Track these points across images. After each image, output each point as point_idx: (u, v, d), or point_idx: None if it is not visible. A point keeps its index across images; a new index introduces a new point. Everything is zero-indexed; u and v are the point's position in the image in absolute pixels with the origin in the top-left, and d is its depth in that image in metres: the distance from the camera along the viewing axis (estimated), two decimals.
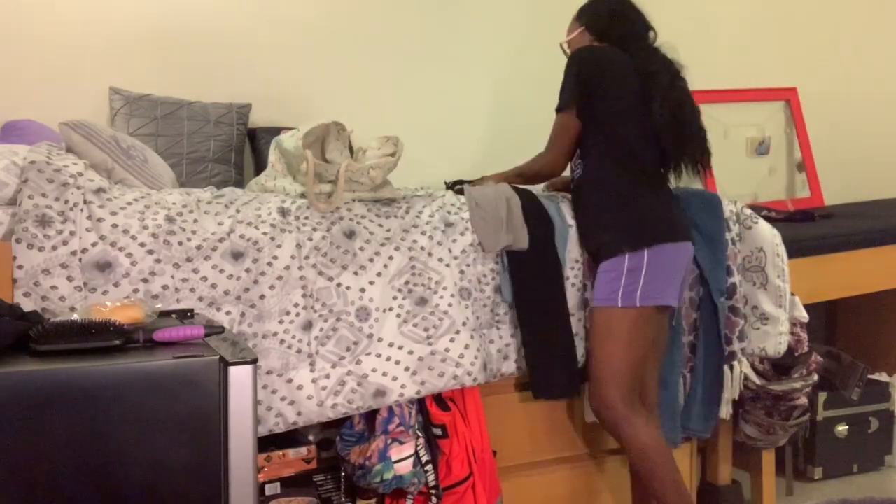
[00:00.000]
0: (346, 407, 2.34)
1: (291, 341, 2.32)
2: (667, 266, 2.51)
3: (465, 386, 2.46)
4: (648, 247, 2.49)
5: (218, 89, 3.08)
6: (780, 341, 2.89)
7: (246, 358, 1.66)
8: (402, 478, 2.35)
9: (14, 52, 2.86)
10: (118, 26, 2.99)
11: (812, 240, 3.24)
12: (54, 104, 2.83)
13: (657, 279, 2.49)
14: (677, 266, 2.54)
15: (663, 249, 2.51)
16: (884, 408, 3.57)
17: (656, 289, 2.49)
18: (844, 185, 4.18)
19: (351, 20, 3.34)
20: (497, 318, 2.58)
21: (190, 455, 1.61)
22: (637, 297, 2.48)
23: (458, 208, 2.62)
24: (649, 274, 2.48)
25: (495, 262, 2.58)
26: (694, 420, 2.85)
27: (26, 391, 1.54)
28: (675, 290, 2.54)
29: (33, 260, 2.12)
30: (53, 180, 2.20)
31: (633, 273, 2.49)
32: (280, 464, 2.31)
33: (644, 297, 2.48)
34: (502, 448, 2.62)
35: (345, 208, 2.49)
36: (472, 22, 3.54)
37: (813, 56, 4.20)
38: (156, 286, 2.21)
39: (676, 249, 2.54)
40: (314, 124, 2.57)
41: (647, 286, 2.48)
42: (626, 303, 2.49)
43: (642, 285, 2.48)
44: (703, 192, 3.09)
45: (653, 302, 2.49)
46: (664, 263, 2.50)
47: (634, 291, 2.48)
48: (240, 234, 2.33)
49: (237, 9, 3.16)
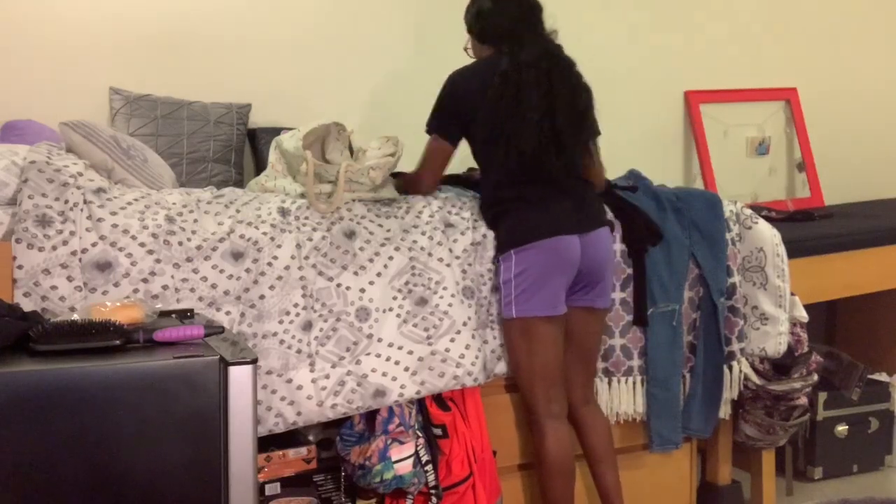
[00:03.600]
0: (345, 407, 2.34)
1: (291, 341, 2.32)
2: (536, 271, 2.45)
3: (465, 386, 2.47)
4: (510, 251, 2.48)
5: (218, 89, 3.07)
6: (779, 341, 2.89)
7: (246, 358, 1.66)
8: (402, 478, 2.35)
9: (14, 52, 2.86)
10: (118, 26, 2.98)
11: (812, 240, 3.24)
12: (54, 104, 2.83)
13: (528, 289, 2.46)
14: (549, 268, 2.46)
15: (527, 252, 2.45)
16: (884, 408, 3.57)
17: (528, 299, 2.46)
18: (844, 185, 4.18)
19: (351, 20, 3.33)
20: (492, 318, 2.58)
21: (190, 455, 1.61)
22: (513, 309, 2.48)
23: (458, 208, 2.62)
24: (519, 285, 2.46)
25: (493, 263, 2.58)
26: (694, 420, 2.86)
27: (26, 391, 1.54)
28: (549, 298, 2.47)
29: (33, 260, 2.12)
30: (53, 180, 2.20)
31: (506, 285, 2.49)
32: (280, 464, 2.31)
33: (519, 309, 2.47)
34: (502, 448, 2.61)
35: (345, 208, 2.49)
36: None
37: (813, 56, 4.20)
38: (156, 286, 2.21)
39: (545, 247, 2.45)
40: (314, 125, 2.57)
41: (519, 296, 2.47)
42: (507, 315, 2.51)
43: (515, 296, 2.48)
44: (704, 192, 3.10)
45: (525, 314, 2.47)
46: (531, 270, 2.45)
47: (510, 304, 2.49)
48: (240, 235, 2.33)
49: (237, 9, 3.16)
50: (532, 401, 2.54)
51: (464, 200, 2.66)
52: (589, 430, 2.64)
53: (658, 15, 3.84)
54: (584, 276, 2.52)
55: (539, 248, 2.46)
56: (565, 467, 2.54)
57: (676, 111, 3.90)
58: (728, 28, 4.00)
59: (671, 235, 2.79)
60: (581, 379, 2.65)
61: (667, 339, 2.77)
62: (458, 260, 2.54)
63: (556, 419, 2.54)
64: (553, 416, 2.53)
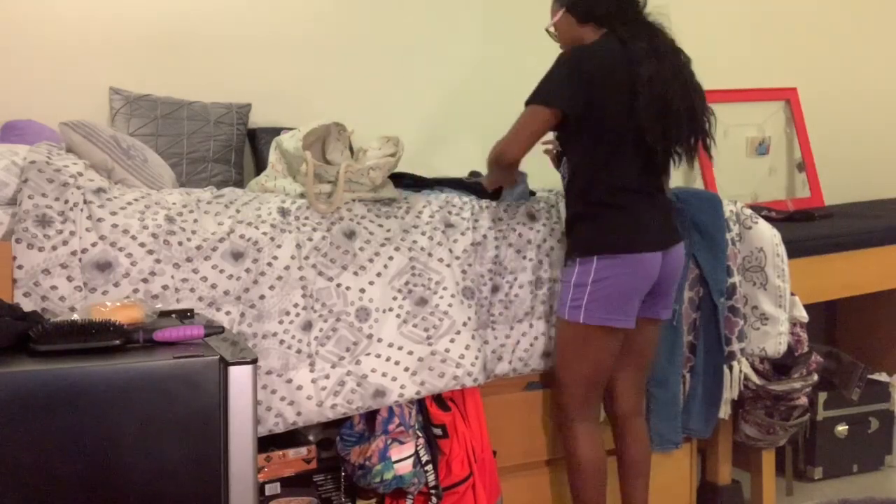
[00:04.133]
0: (345, 407, 2.34)
1: (291, 341, 2.32)
2: (617, 283, 2.38)
3: (465, 387, 2.47)
4: (593, 256, 2.39)
5: (218, 89, 3.07)
6: (779, 341, 2.89)
7: (246, 358, 1.66)
8: (402, 478, 2.35)
9: (14, 52, 2.86)
10: (118, 26, 2.98)
11: (812, 240, 3.24)
12: (54, 104, 2.83)
13: (603, 299, 2.38)
14: (632, 283, 2.40)
15: (614, 262, 2.38)
16: (884, 408, 3.57)
17: (601, 308, 2.39)
18: (844, 185, 4.18)
19: (351, 20, 3.33)
20: (492, 318, 2.58)
21: (190, 455, 1.61)
22: (581, 314, 2.41)
23: (459, 209, 2.62)
24: (595, 292, 2.38)
25: (493, 264, 2.58)
26: (694, 420, 2.86)
27: (26, 391, 1.54)
28: (625, 311, 2.40)
29: (33, 260, 2.12)
30: (53, 180, 2.19)
31: (579, 288, 2.41)
32: (280, 464, 2.31)
33: (588, 316, 2.40)
34: (502, 448, 2.61)
35: (345, 209, 2.49)
36: (473, 21, 3.54)
37: (813, 56, 4.20)
38: (156, 286, 2.21)
39: (632, 261, 2.39)
40: (315, 125, 2.57)
41: (591, 304, 2.39)
42: (572, 318, 2.43)
43: (586, 303, 2.39)
44: (703, 192, 3.10)
45: (597, 322, 2.40)
46: (613, 280, 2.38)
47: (578, 308, 2.41)
48: (240, 235, 2.33)
49: (237, 9, 3.16)
50: (568, 401, 2.51)
51: (464, 201, 2.66)
52: (635, 442, 2.61)
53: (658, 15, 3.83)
54: (655, 289, 2.47)
55: (625, 260, 2.39)
56: (599, 470, 2.52)
57: None
58: (728, 28, 4.00)
59: None
60: (634, 389, 2.63)
61: (667, 340, 2.77)
62: (459, 260, 2.54)
63: (589, 422, 2.52)
64: (585, 419, 2.51)
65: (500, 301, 2.59)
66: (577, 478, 2.53)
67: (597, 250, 2.40)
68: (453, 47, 3.50)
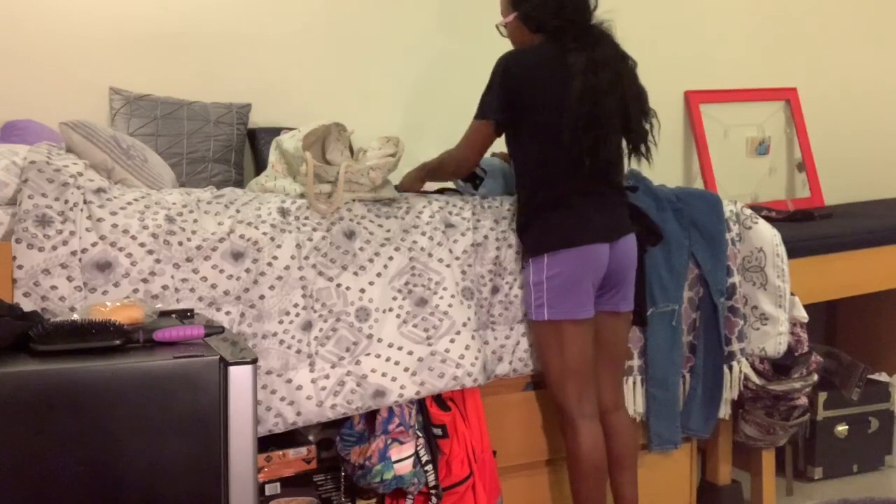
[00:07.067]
0: (345, 407, 2.34)
1: (291, 341, 2.32)
2: (568, 276, 2.45)
3: (465, 387, 2.47)
4: (543, 254, 2.46)
5: (218, 89, 3.07)
6: (779, 341, 2.89)
7: (246, 358, 1.66)
8: (402, 478, 2.35)
9: (14, 52, 2.86)
10: (118, 26, 2.98)
11: (812, 240, 3.24)
12: (54, 104, 2.83)
13: (559, 293, 2.46)
14: (581, 273, 2.45)
15: (562, 256, 2.45)
16: (884, 408, 3.57)
17: (561, 303, 2.46)
18: (844, 185, 4.18)
19: (351, 20, 3.33)
20: (492, 319, 2.58)
21: (190, 455, 1.61)
22: (545, 312, 2.48)
23: (459, 209, 2.62)
24: (552, 289, 2.46)
25: (493, 265, 2.58)
26: (694, 420, 2.86)
27: (26, 391, 1.54)
28: (579, 301, 2.47)
29: (33, 260, 2.12)
30: (53, 180, 2.19)
31: (537, 287, 2.49)
32: (280, 464, 2.31)
33: (552, 313, 2.48)
34: (502, 448, 2.61)
35: (345, 209, 2.49)
36: (473, 21, 3.53)
37: (813, 56, 4.20)
38: (156, 286, 2.21)
39: (578, 254, 2.45)
40: (315, 125, 2.57)
41: (551, 300, 2.47)
42: (538, 317, 2.50)
43: (546, 300, 2.47)
44: (704, 192, 3.10)
45: (561, 316, 2.47)
46: (565, 274, 2.45)
47: (542, 307, 2.49)
48: (240, 235, 2.33)
49: (237, 9, 3.16)
50: (565, 401, 2.53)
51: (465, 201, 2.66)
52: (616, 436, 2.62)
53: (658, 15, 3.83)
54: (609, 280, 2.52)
55: (571, 253, 2.45)
56: (599, 467, 2.54)
57: (676, 111, 3.90)
58: (728, 28, 4.00)
59: (671, 236, 2.79)
60: (611, 384, 2.65)
61: (666, 340, 2.77)
62: (458, 261, 2.54)
63: (590, 419, 2.54)
64: (586, 416, 2.53)
65: (500, 302, 2.59)
66: (578, 474, 2.54)
67: (545, 247, 2.48)
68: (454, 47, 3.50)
